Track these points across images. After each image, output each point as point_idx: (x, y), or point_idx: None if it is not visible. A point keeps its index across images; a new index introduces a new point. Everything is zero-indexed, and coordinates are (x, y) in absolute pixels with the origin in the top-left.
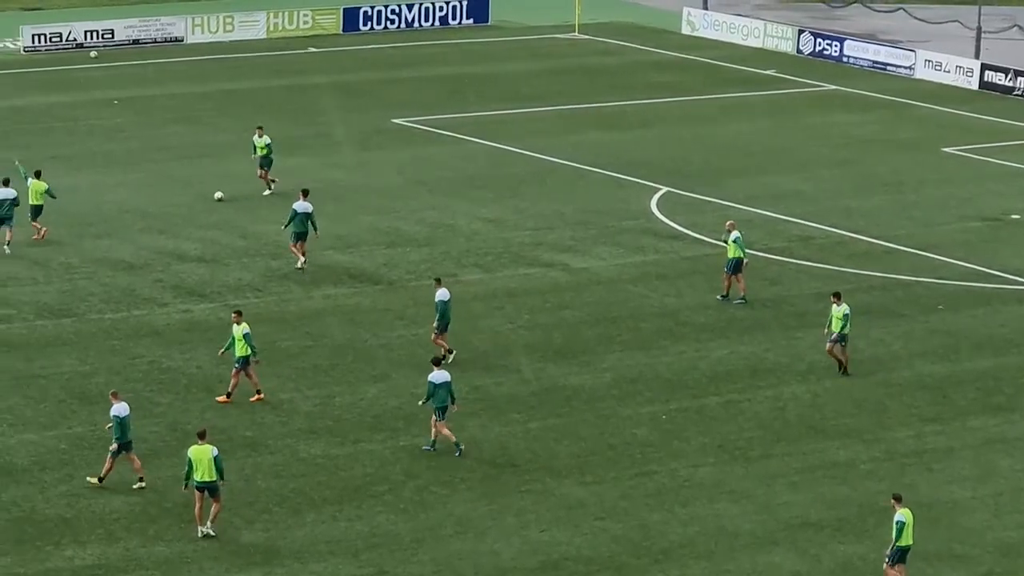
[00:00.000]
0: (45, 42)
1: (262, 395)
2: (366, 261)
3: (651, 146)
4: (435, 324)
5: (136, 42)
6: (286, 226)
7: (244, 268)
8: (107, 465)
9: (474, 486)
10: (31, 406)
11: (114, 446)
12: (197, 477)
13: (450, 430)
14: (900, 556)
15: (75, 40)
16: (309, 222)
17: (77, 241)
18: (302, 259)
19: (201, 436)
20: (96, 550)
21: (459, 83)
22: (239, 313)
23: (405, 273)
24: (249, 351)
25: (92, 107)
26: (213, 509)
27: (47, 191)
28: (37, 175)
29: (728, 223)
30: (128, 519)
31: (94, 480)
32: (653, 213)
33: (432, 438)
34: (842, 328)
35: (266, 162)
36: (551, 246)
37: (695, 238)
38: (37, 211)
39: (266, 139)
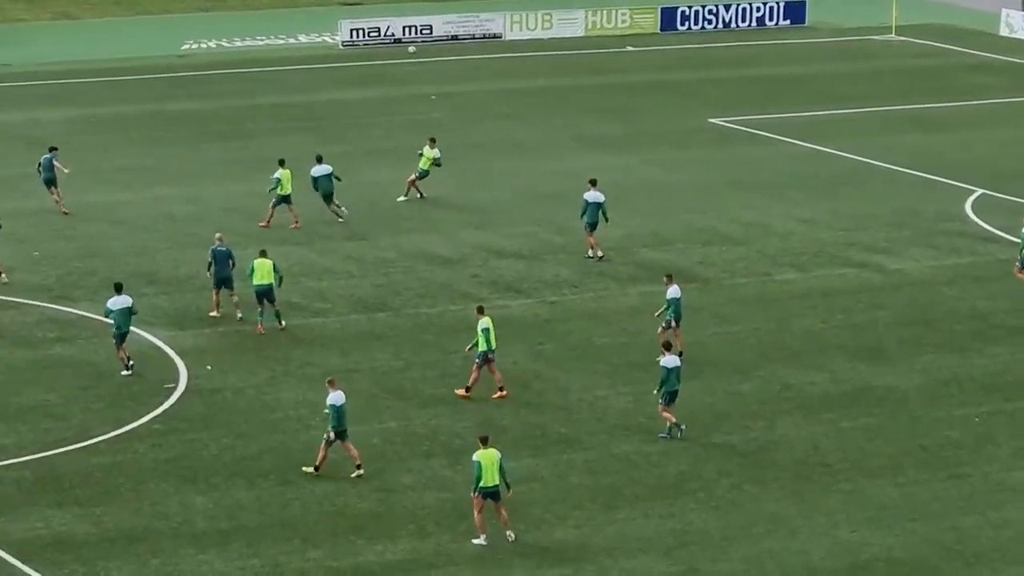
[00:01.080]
0: (363, 37)
1: (504, 392)
2: (681, 259)
3: (967, 148)
4: (668, 319)
5: (455, 38)
6: (582, 216)
7: (561, 264)
8: (321, 454)
9: (785, 484)
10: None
11: (330, 435)
12: (484, 483)
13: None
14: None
15: (393, 35)
16: (600, 212)
17: (393, 236)
18: (597, 252)
19: (484, 442)
20: (407, 545)
21: (775, 84)
22: (481, 309)
23: (720, 271)
24: (487, 346)
25: (409, 102)
26: (504, 513)
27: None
28: (281, 163)
29: None
30: (439, 515)
31: (310, 469)
32: (968, 215)
33: (669, 424)
34: None
35: (424, 174)
36: (865, 247)
37: (1011, 241)
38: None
39: (436, 152)
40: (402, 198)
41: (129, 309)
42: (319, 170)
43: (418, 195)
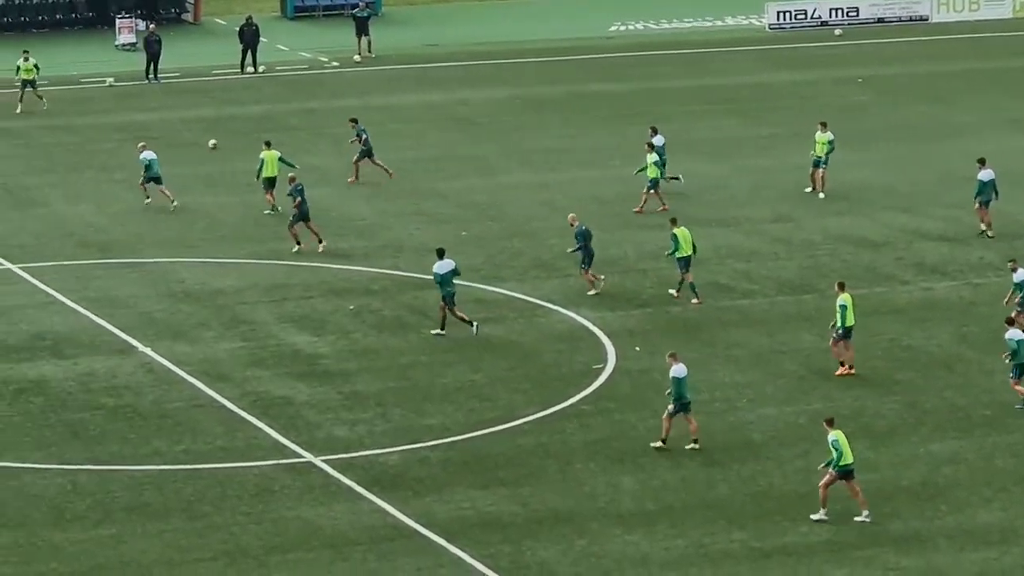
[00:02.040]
0: (789, 19)
1: (851, 369)
2: None
3: None
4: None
5: (881, 20)
6: (976, 196)
7: (986, 247)
8: (665, 426)
9: None
10: (770, 381)
11: (672, 407)
12: (844, 461)
13: None
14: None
15: (819, 18)
16: (991, 189)
17: (819, 218)
18: (988, 231)
19: (830, 423)
20: (831, 526)
21: None
22: (842, 285)
23: None
24: (842, 323)
25: (834, 85)
26: (860, 494)
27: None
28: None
29: None
30: (864, 495)
31: (658, 444)
32: None
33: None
34: None
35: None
36: None
37: None
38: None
39: (829, 135)
40: (808, 190)
41: (454, 271)
42: None
43: (810, 188)
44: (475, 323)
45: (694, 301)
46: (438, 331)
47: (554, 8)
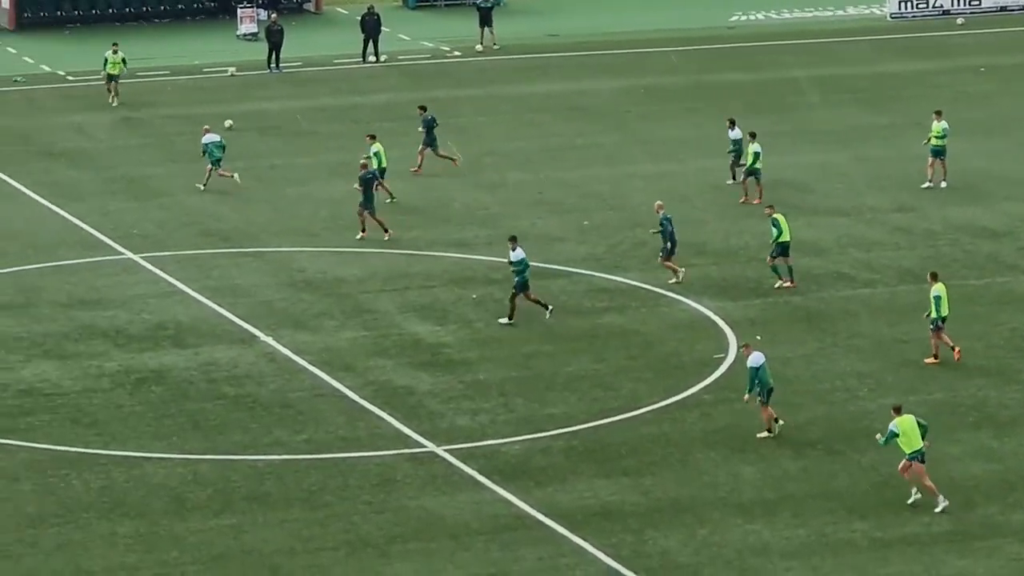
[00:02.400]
0: (911, 8)
1: (945, 357)
2: None
3: None
4: None
5: (1003, 9)
6: None
7: None
8: (763, 417)
9: None
10: (892, 371)
11: (760, 397)
12: (907, 448)
13: None
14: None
15: (941, 7)
16: None
17: (940, 208)
18: None
19: (897, 411)
20: (952, 516)
21: None
22: (935, 275)
23: None
24: (936, 313)
25: (957, 74)
26: (922, 479)
27: None
28: None
29: None
30: (986, 486)
31: (764, 434)
32: None
33: None
34: None
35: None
36: None
37: None
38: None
39: (943, 124)
40: (927, 184)
41: (524, 261)
42: None
43: (928, 183)
44: (550, 306)
45: (787, 284)
46: (506, 320)
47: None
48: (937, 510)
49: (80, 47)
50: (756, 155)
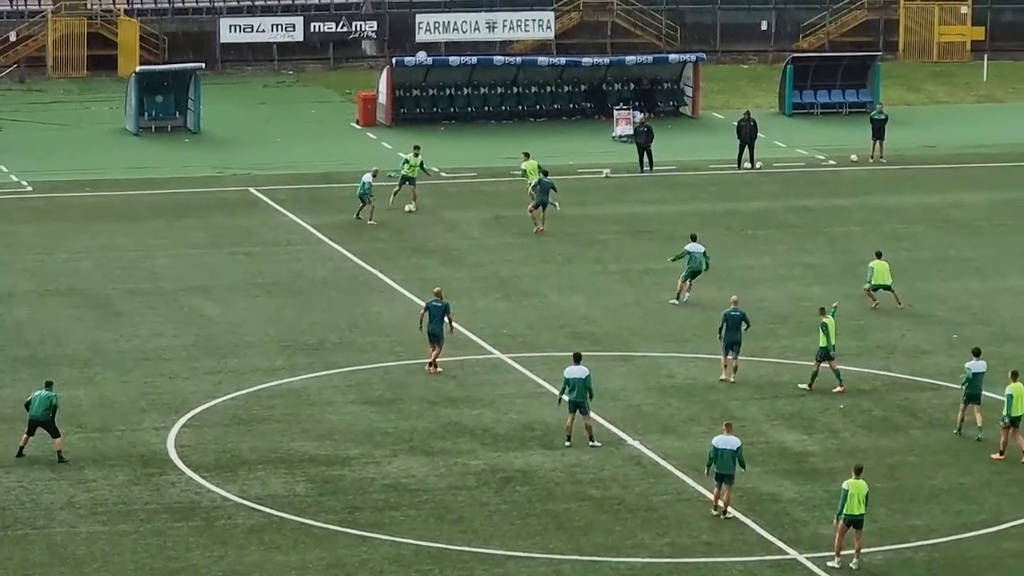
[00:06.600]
0: None
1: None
2: None
3: None
4: None
5: None
6: None
7: None
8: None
9: None
10: None
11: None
12: (847, 511)
13: None
14: None
15: None
16: None
17: None
18: None
19: (858, 472)
20: None
21: None
22: (1015, 374)
23: None
24: (1007, 411)
25: None
26: (857, 543)
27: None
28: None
29: None
30: None
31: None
32: None
33: None
34: None
35: None
36: None
37: None
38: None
39: None
40: None
41: (587, 379)
42: None
43: None
44: (597, 443)
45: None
46: (567, 443)
47: None
48: None
49: (454, 144)
50: None
